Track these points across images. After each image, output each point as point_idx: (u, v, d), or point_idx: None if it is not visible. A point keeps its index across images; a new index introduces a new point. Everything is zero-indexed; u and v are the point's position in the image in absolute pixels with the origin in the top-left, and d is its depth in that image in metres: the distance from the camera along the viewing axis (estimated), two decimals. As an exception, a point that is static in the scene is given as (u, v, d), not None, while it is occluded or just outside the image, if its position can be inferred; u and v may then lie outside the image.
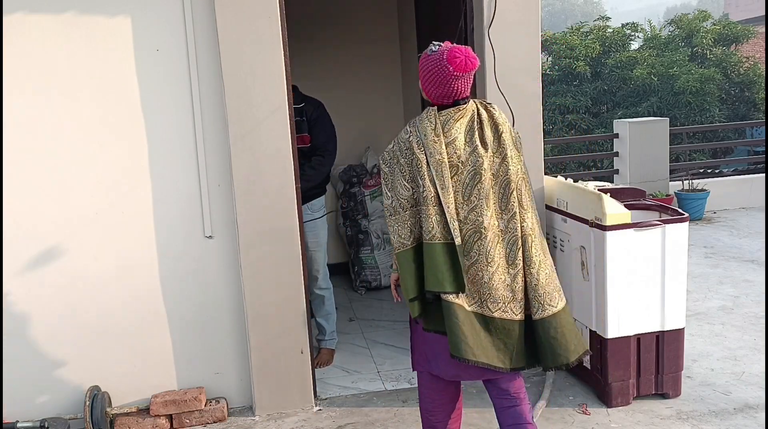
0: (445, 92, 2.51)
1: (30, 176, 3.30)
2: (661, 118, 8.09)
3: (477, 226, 2.52)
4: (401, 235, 2.58)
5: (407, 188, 2.56)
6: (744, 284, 5.18)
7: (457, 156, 2.52)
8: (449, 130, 2.52)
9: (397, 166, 2.58)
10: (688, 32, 13.56)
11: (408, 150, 2.55)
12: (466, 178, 2.53)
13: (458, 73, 2.47)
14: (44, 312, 3.37)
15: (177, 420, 3.45)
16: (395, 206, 2.58)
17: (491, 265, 2.52)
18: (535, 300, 2.56)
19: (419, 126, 2.54)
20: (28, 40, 3.21)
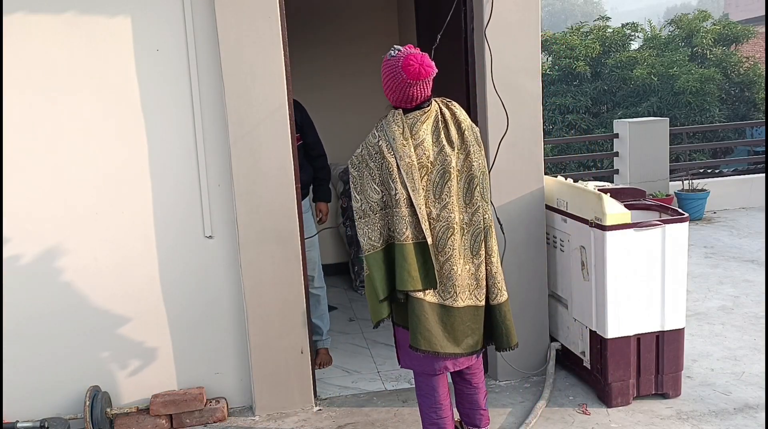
0: (401, 98, 2.63)
1: (30, 176, 3.30)
2: (661, 118, 8.09)
3: (449, 223, 2.67)
4: (371, 238, 2.66)
5: (377, 191, 2.65)
6: (744, 284, 5.18)
7: (426, 157, 2.63)
8: (416, 132, 2.63)
9: (366, 170, 2.66)
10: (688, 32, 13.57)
11: (378, 154, 2.63)
12: (435, 177, 2.66)
13: (411, 81, 2.57)
14: (44, 312, 3.37)
15: (177, 420, 3.45)
16: (365, 209, 2.67)
17: (461, 258, 2.70)
18: (494, 286, 2.77)
19: (387, 130, 2.63)
20: (28, 40, 3.21)
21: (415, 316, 2.65)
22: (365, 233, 2.67)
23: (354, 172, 2.70)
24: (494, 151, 3.52)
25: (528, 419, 3.28)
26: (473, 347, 2.78)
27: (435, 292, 2.68)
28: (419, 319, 2.64)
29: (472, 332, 2.76)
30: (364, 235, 2.67)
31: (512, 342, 2.81)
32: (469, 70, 3.61)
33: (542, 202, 3.69)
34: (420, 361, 2.78)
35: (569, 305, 3.66)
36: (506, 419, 3.35)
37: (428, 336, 2.66)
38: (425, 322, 2.64)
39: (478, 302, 2.76)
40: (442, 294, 2.69)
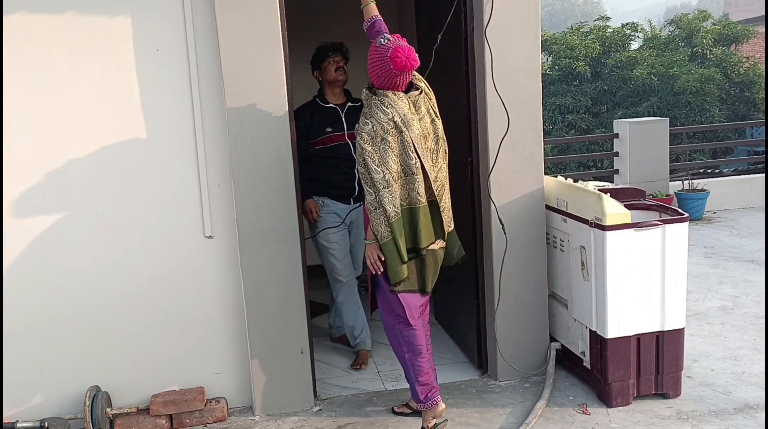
0: (386, 84, 2.98)
1: (30, 176, 3.29)
2: (661, 118, 8.09)
3: (442, 182, 3.12)
4: (395, 205, 2.98)
5: (396, 162, 2.97)
6: (744, 284, 5.18)
7: (426, 128, 3.04)
8: (419, 108, 3.04)
9: (383, 144, 2.94)
10: (688, 32, 13.57)
11: (393, 128, 2.95)
12: (431, 144, 3.07)
13: (397, 71, 2.92)
14: (44, 311, 3.37)
15: (177, 420, 3.44)
16: (388, 179, 2.95)
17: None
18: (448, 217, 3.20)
19: (397, 107, 2.96)
20: (28, 40, 3.21)
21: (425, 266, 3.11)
22: (390, 201, 2.96)
23: (368, 147, 2.95)
24: (495, 151, 3.52)
25: (528, 419, 3.28)
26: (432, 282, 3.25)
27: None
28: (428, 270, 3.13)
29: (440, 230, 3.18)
30: (389, 203, 2.96)
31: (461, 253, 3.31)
32: (469, 70, 3.61)
33: (542, 202, 3.69)
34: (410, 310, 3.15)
35: (569, 305, 3.66)
36: (506, 419, 3.35)
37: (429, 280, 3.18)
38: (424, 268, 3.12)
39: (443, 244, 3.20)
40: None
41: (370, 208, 3.02)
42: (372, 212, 3.01)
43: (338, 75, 3.94)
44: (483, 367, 3.85)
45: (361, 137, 2.98)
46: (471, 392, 3.64)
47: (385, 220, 2.98)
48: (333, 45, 3.97)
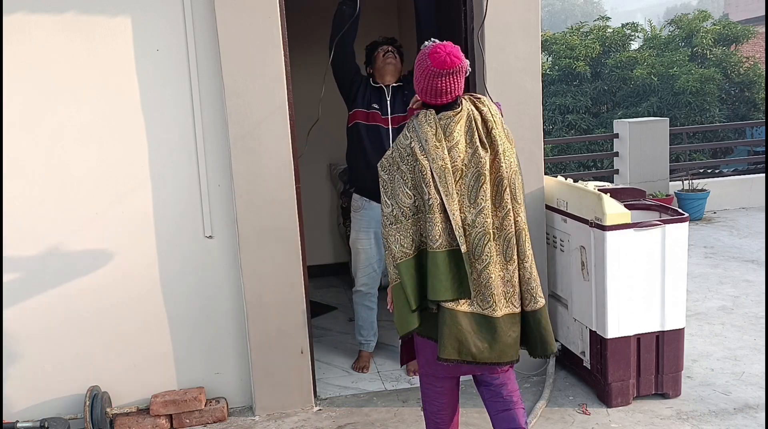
0: (426, 87, 2.50)
1: (30, 176, 3.29)
2: (661, 118, 8.09)
3: (485, 229, 2.51)
4: (403, 245, 2.52)
5: (409, 196, 2.51)
6: (744, 284, 5.18)
7: (461, 159, 2.49)
8: (450, 133, 2.49)
9: (398, 173, 2.52)
10: (688, 32, 13.56)
11: (410, 156, 2.49)
12: (470, 181, 2.50)
13: (436, 69, 2.44)
14: (44, 312, 3.37)
15: (177, 420, 3.44)
16: (396, 215, 2.52)
17: (499, 264, 2.55)
18: (527, 293, 2.59)
19: (419, 131, 2.49)
20: (27, 41, 3.21)
21: (446, 326, 2.49)
22: (397, 240, 2.52)
23: (384, 175, 2.57)
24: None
25: (528, 419, 3.28)
26: (514, 356, 2.60)
27: (472, 301, 2.52)
28: (450, 330, 2.49)
29: (513, 341, 2.58)
30: (396, 242, 2.52)
31: (549, 349, 2.62)
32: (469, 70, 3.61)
33: (542, 202, 3.69)
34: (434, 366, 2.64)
35: (569, 305, 3.66)
36: (506, 419, 3.35)
37: (458, 346, 2.50)
38: (457, 332, 2.49)
39: (515, 309, 2.58)
40: (481, 303, 2.53)
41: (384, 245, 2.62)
42: (385, 249, 2.62)
43: (387, 59, 3.83)
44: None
45: (381, 164, 2.59)
46: (471, 392, 3.64)
47: (392, 261, 2.56)
48: (383, 39, 3.97)
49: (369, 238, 3.89)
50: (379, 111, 3.79)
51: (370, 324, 4.11)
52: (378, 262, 3.97)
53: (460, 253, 2.47)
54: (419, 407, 3.50)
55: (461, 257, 2.47)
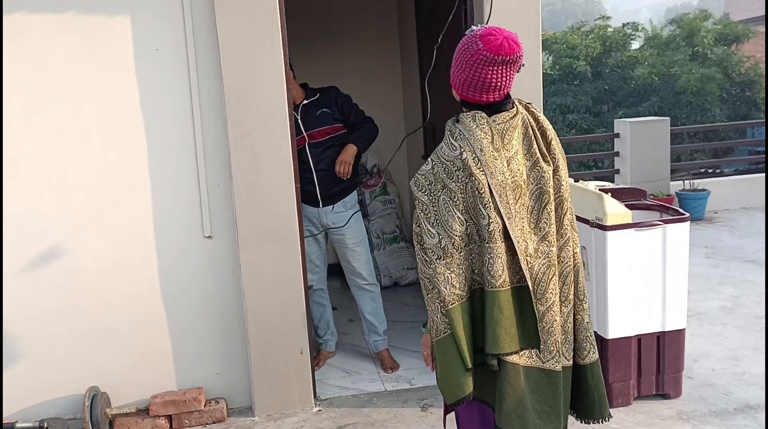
0: (470, 78, 1.97)
1: (29, 176, 3.29)
2: (662, 118, 8.09)
3: (550, 260, 2.01)
4: (455, 286, 1.97)
5: (461, 222, 1.97)
6: (745, 284, 5.18)
7: (520, 173, 1.98)
8: (509, 141, 1.98)
9: (444, 193, 1.97)
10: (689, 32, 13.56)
11: (460, 171, 1.95)
12: (530, 200, 2.01)
13: (489, 55, 1.91)
14: (44, 312, 3.37)
15: (176, 420, 3.44)
16: (446, 247, 1.97)
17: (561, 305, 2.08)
18: (586, 341, 2.14)
19: (470, 138, 1.95)
20: (27, 40, 3.20)
21: (509, 386, 1.98)
22: (447, 279, 1.96)
23: (423, 196, 2.00)
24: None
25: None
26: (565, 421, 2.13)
27: (530, 352, 2.02)
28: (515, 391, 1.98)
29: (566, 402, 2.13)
30: (446, 282, 1.97)
31: (605, 410, 2.18)
32: (470, 69, 3.60)
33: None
34: None
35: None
36: (506, 420, 3.34)
37: (523, 413, 1.99)
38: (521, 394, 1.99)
39: (566, 362, 2.11)
40: (541, 355, 2.02)
41: (422, 285, 2.05)
42: (425, 291, 2.03)
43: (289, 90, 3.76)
44: None
45: (416, 182, 2.02)
46: (471, 392, 3.63)
47: (440, 306, 1.99)
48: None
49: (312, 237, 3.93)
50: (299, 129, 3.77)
51: (325, 322, 4.13)
52: (318, 258, 3.99)
53: (527, 291, 1.98)
54: (419, 407, 3.50)
55: (529, 296, 1.98)
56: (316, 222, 3.90)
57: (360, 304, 4.09)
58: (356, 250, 3.97)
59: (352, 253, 3.97)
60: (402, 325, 4.68)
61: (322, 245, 4.00)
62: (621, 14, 35.39)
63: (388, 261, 5.54)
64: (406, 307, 5.03)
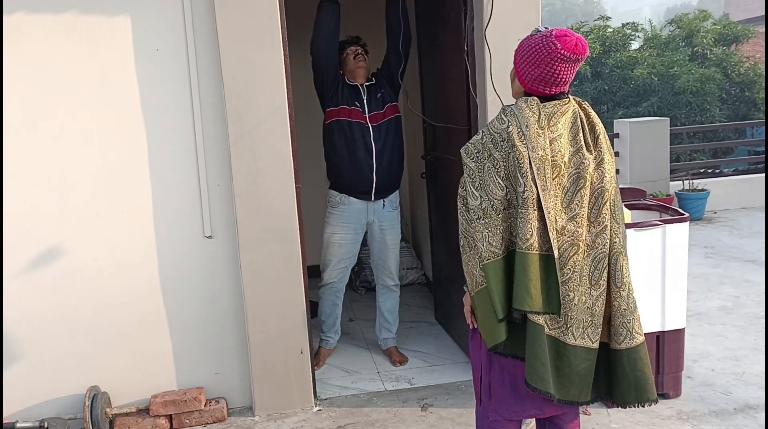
0: (543, 74, 2.18)
1: (30, 176, 3.29)
2: (662, 118, 8.10)
3: (575, 239, 2.20)
4: (492, 243, 2.19)
5: (501, 187, 2.20)
6: (744, 284, 5.18)
7: (561, 155, 2.19)
8: (555, 124, 2.19)
9: (489, 161, 2.21)
10: (688, 32, 13.56)
11: (505, 142, 2.18)
12: (567, 181, 2.20)
13: (566, 53, 2.14)
14: (44, 312, 3.37)
15: (177, 420, 3.44)
16: (486, 208, 2.21)
17: (582, 285, 2.23)
18: (623, 327, 2.26)
19: (519, 115, 2.18)
20: (27, 41, 3.20)
21: (532, 345, 2.19)
22: (485, 237, 2.20)
23: (471, 162, 2.25)
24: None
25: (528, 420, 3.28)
26: (576, 397, 2.27)
27: (552, 321, 2.22)
28: (536, 350, 2.18)
29: (580, 380, 2.26)
30: (484, 239, 2.20)
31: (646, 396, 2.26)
32: (469, 70, 3.61)
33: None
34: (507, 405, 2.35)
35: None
36: (506, 419, 3.35)
37: (543, 372, 2.18)
38: (542, 354, 2.18)
39: (590, 343, 2.25)
40: (549, 322, 2.23)
41: (463, 244, 2.30)
42: (466, 249, 2.29)
43: (358, 62, 3.90)
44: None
45: (466, 149, 2.28)
46: (471, 392, 3.64)
47: (478, 261, 2.24)
48: (349, 39, 4.00)
49: (347, 233, 3.93)
50: (360, 109, 3.85)
51: (333, 320, 4.14)
52: (351, 259, 4.02)
53: (552, 260, 2.17)
54: (419, 407, 3.51)
55: (553, 264, 2.17)
56: (362, 218, 3.90)
57: (381, 302, 4.16)
58: (394, 252, 4.05)
59: (389, 253, 4.03)
60: (402, 325, 4.68)
61: (359, 242, 4.02)
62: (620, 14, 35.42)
63: (387, 261, 5.54)
64: (406, 307, 5.04)
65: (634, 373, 2.26)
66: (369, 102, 3.87)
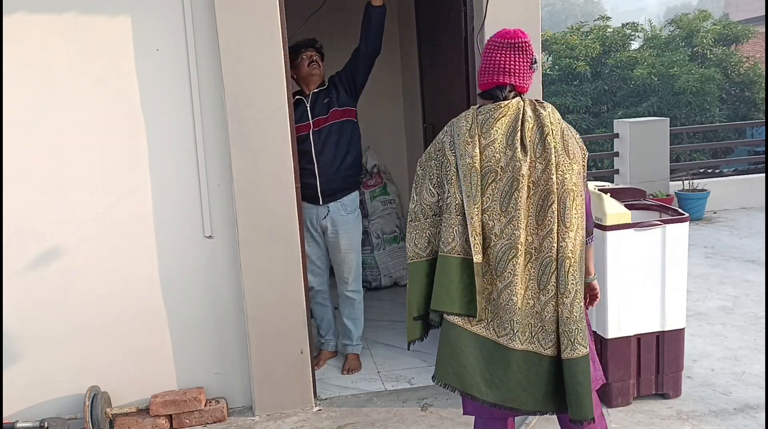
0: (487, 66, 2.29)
1: (30, 176, 3.29)
2: (662, 118, 8.10)
3: (513, 242, 2.22)
4: (417, 245, 2.35)
5: (433, 194, 2.34)
6: (744, 284, 5.18)
7: (496, 160, 2.22)
8: (488, 130, 2.24)
9: (427, 169, 2.36)
10: (688, 32, 13.57)
11: (440, 151, 2.33)
12: (504, 185, 2.23)
13: (499, 39, 2.27)
14: (44, 312, 3.37)
15: (177, 420, 3.44)
16: (416, 212, 2.36)
17: (529, 289, 2.25)
18: (564, 335, 2.24)
19: (455, 126, 2.30)
20: (28, 40, 3.21)
21: (448, 344, 2.27)
22: (412, 238, 2.36)
23: (419, 170, 2.40)
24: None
25: (528, 419, 3.28)
26: (533, 406, 2.28)
27: (487, 324, 2.27)
28: (452, 349, 2.26)
29: (530, 386, 2.27)
30: (411, 240, 2.36)
31: (581, 413, 2.21)
32: (469, 70, 3.61)
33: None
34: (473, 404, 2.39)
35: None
36: (506, 419, 3.35)
37: (460, 371, 2.26)
38: (459, 354, 2.25)
39: (542, 349, 2.26)
40: (497, 329, 2.26)
41: None
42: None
43: (312, 69, 3.77)
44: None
45: (420, 160, 2.43)
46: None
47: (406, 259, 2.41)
48: (305, 41, 3.86)
49: (308, 237, 3.86)
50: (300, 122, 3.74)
51: (327, 323, 4.13)
52: (322, 262, 3.98)
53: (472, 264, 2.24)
54: (419, 407, 3.51)
55: (473, 269, 2.24)
56: (315, 222, 3.88)
57: (341, 309, 4.11)
58: (347, 257, 3.94)
59: (342, 259, 3.94)
60: (402, 325, 4.68)
61: (322, 246, 3.97)
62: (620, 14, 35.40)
63: (388, 261, 5.55)
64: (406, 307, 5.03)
65: (573, 386, 2.21)
66: (312, 109, 3.79)
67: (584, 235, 2.32)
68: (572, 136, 2.30)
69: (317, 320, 4.12)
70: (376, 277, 5.49)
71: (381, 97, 5.76)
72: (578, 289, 2.25)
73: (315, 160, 3.75)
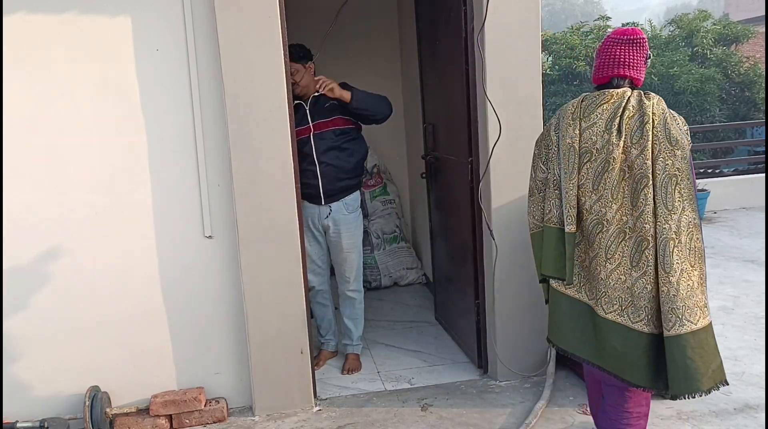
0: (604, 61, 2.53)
1: (30, 176, 3.29)
2: (662, 118, 8.07)
3: (600, 218, 2.44)
4: (534, 216, 2.68)
5: (543, 170, 2.64)
6: (744, 284, 5.18)
7: (593, 142, 2.45)
8: (589, 114, 2.47)
9: (539, 148, 2.67)
10: (688, 32, 13.57)
11: (546, 132, 2.63)
12: (597, 166, 2.44)
13: (618, 36, 2.50)
14: (44, 312, 3.37)
15: (177, 420, 3.44)
16: (531, 187, 2.69)
17: (610, 262, 2.44)
18: (671, 312, 2.32)
19: (563, 109, 2.57)
20: (27, 40, 3.21)
21: (550, 304, 2.65)
22: (530, 211, 2.70)
23: (535, 149, 2.71)
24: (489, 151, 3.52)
25: (528, 419, 3.28)
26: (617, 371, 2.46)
27: (579, 288, 2.54)
28: (552, 310, 2.63)
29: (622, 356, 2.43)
30: (530, 214, 2.70)
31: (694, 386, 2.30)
32: (469, 70, 3.61)
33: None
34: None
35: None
36: (506, 419, 3.35)
37: (555, 330, 2.62)
38: (556, 313, 2.61)
39: (630, 323, 2.41)
40: (588, 292, 2.53)
41: None
42: None
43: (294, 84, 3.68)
44: (483, 367, 3.85)
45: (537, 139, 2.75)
46: (471, 392, 3.64)
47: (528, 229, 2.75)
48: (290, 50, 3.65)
49: (309, 237, 3.87)
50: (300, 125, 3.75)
51: (327, 322, 4.13)
52: (322, 262, 3.98)
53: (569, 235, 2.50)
54: (419, 407, 3.51)
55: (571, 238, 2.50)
56: (317, 222, 3.89)
57: (341, 308, 4.11)
58: (349, 256, 3.95)
59: (344, 258, 3.95)
60: (402, 324, 4.69)
61: (323, 245, 3.97)
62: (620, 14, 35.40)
63: (388, 261, 5.55)
64: (406, 307, 5.04)
65: (684, 360, 2.29)
66: (312, 113, 3.78)
67: (694, 217, 2.38)
68: (676, 125, 2.41)
69: (317, 320, 4.12)
70: (376, 276, 5.49)
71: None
72: (684, 269, 2.34)
73: (317, 163, 3.76)
